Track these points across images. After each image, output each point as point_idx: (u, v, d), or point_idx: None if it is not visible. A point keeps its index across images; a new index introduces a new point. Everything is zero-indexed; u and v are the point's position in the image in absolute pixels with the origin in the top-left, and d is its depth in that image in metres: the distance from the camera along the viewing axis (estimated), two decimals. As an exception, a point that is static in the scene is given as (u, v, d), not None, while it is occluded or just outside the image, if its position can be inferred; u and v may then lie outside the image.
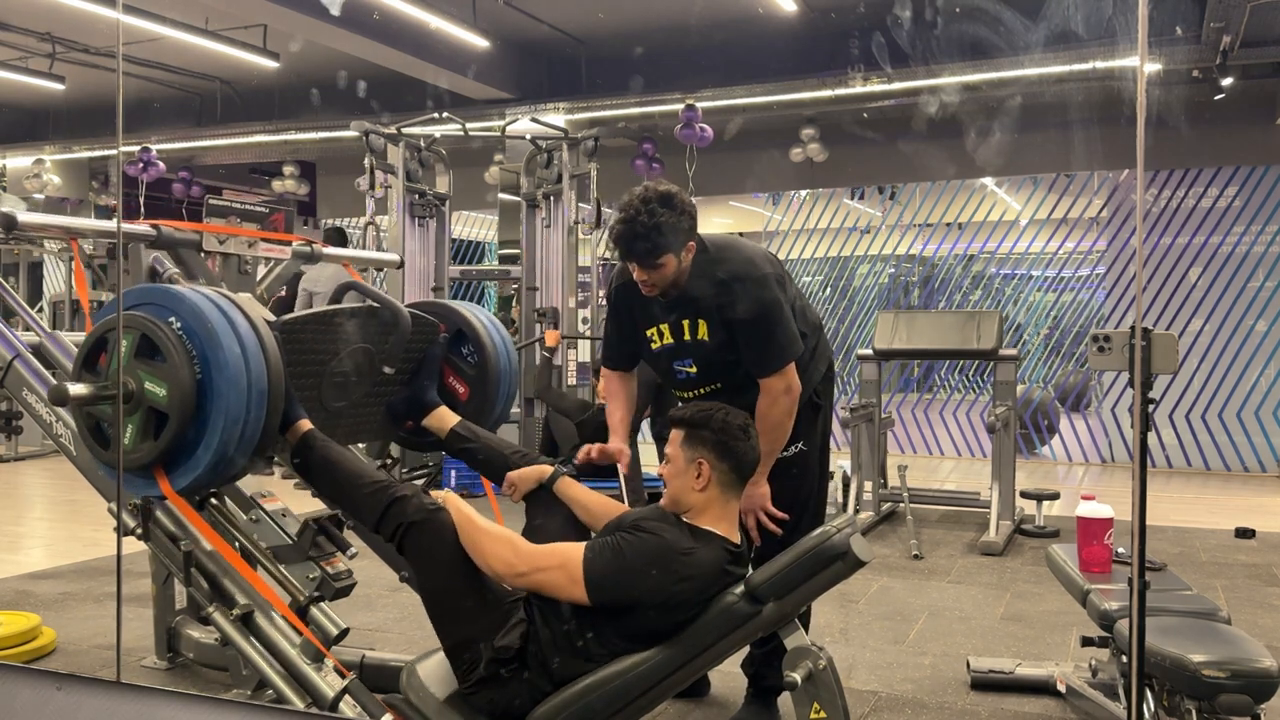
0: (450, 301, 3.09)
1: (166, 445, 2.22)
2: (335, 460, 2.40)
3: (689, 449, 2.32)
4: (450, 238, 7.45)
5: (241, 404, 2.19)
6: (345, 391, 2.71)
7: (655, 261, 2.58)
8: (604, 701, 2.15)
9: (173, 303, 2.26)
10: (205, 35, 8.11)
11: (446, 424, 2.78)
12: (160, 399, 2.21)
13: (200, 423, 2.21)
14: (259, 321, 2.29)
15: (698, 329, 2.69)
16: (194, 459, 2.23)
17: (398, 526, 2.26)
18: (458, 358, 3.01)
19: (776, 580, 2.21)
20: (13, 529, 6.03)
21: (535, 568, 2.19)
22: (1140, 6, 2.03)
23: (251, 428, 2.22)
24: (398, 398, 2.85)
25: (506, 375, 3.00)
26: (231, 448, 2.21)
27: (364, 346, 2.69)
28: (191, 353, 2.21)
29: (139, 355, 2.24)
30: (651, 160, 9.18)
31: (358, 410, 2.79)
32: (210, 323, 2.21)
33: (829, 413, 2.97)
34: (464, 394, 3.00)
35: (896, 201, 10.49)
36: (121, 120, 3.18)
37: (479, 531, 2.23)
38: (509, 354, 3.02)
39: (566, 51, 9.17)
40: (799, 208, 10.93)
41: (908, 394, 11.63)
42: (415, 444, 2.95)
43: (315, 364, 2.60)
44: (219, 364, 2.19)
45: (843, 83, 7.96)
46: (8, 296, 2.95)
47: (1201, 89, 7.52)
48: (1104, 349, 2.27)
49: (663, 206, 2.55)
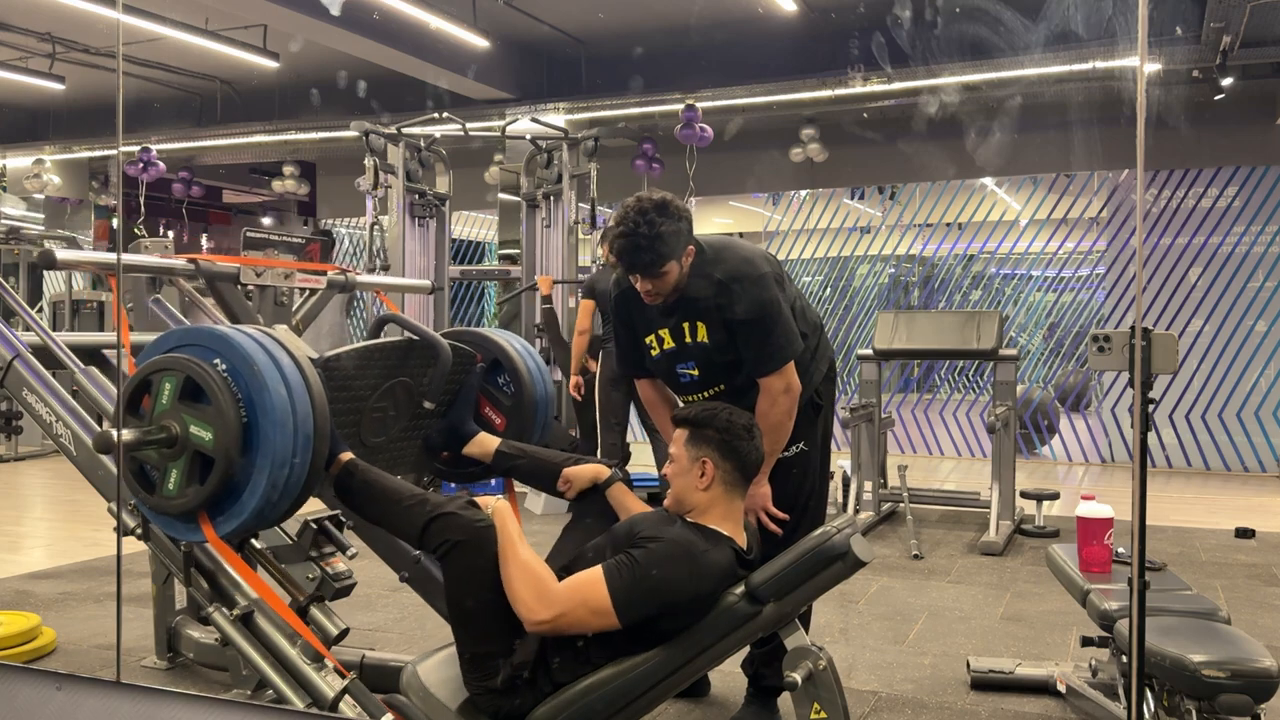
0: (484, 329, 3.06)
1: (213, 490, 2.16)
2: (374, 481, 2.36)
3: (693, 448, 2.32)
4: (450, 238, 7.46)
5: (288, 448, 2.14)
6: (384, 426, 2.67)
7: (659, 271, 2.58)
8: (604, 702, 2.15)
9: (218, 344, 2.20)
10: (205, 35, 8.11)
11: (489, 448, 2.74)
12: (206, 443, 2.15)
13: (246, 467, 2.15)
14: (304, 361, 2.24)
15: (697, 331, 2.69)
16: (239, 505, 2.17)
17: (443, 542, 2.21)
18: (493, 388, 2.97)
19: (776, 580, 2.21)
20: (13, 529, 6.03)
21: (557, 614, 2.14)
22: (1140, 6, 2.03)
23: (298, 471, 2.17)
24: (435, 429, 2.82)
25: (543, 404, 2.96)
26: (277, 493, 2.16)
27: (403, 380, 2.66)
28: (237, 396, 2.15)
29: (184, 398, 2.19)
30: (651, 160, 9.18)
31: (395, 445, 2.75)
32: (256, 365, 2.15)
33: (830, 413, 2.96)
34: (500, 424, 2.96)
35: (896, 201, 10.49)
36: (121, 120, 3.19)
37: (514, 565, 2.18)
38: (545, 382, 2.98)
39: (566, 51, 9.17)
40: (799, 208, 10.94)
41: (908, 394, 11.63)
42: (453, 475, 2.90)
43: (354, 399, 2.56)
44: (265, 407, 2.13)
45: (843, 83, 7.96)
46: (8, 296, 2.95)
47: (1201, 89, 7.52)
48: (1104, 349, 2.27)
49: (660, 215, 2.54)
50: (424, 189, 6.96)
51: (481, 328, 3.24)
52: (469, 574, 2.21)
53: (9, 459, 8.52)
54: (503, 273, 8.18)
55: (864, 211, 11.08)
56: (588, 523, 2.55)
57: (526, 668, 2.18)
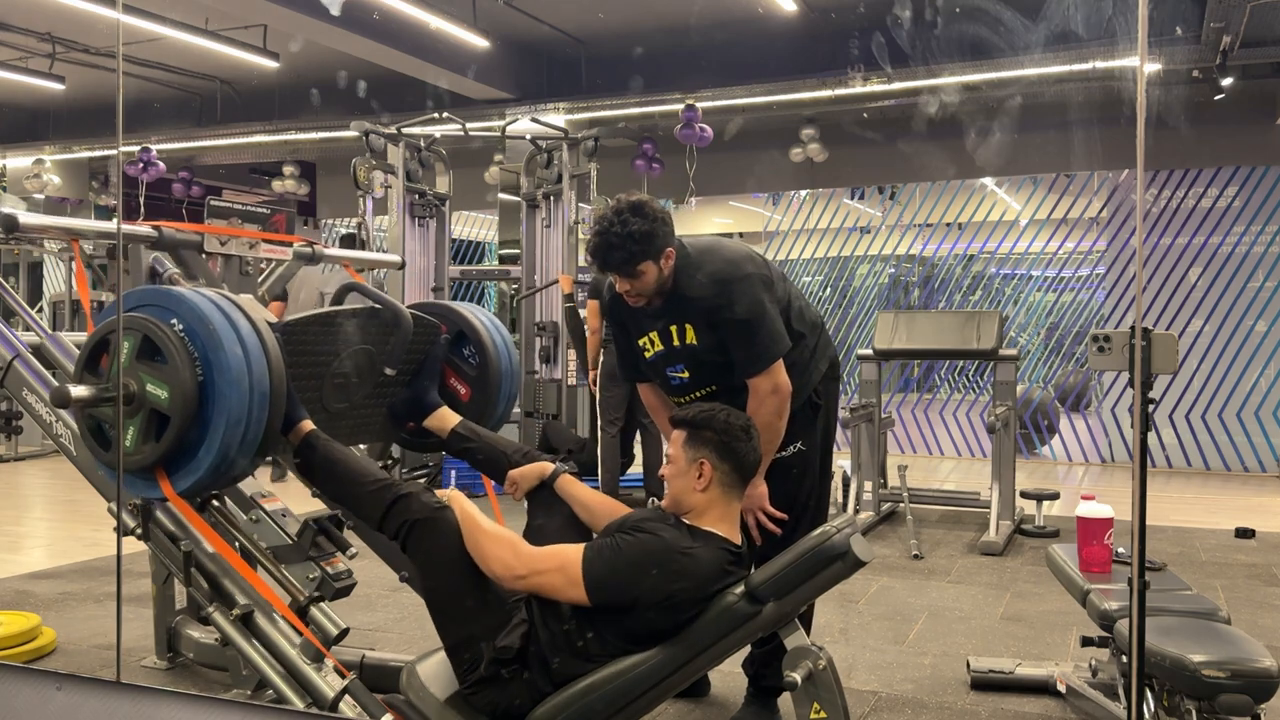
0: (451, 302, 3.09)
1: (168, 447, 2.21)
2: (337, 459, 2.40)
3: (691, 449, 2.33)
4: (450, 238, 7.45)
5: (243, 406, 2.19)
6: (347, 393, 2.71)
7: (634, 270, 2.60)
8: (604, 702, 2.16)
9: (174, 304, 2.25)
10: (205, 35, 8.11)
11: (448, 424, 2.79)
12: (162, 401, 2.20)
13: (202, 425, 2.20)
14: (261, 323, 2.29)
15: (685, 334, 2.70)
16: (195, 461, 2.22)
17: (402, 524, 2.26)
18: (459, 359, 3.01)
19: (776, 580, 2.21)
20: (13, 529, 6.03)
21: (533, 570, 2.19)
22: (1140, 6, 2.03)
23: (253, 429, 2.21)
24: (399, 399, 2.85)
25: (508, 376, 3.00)
26: (233, 449, 2.21)
27: (365, 348, 2.69)
28: (193, 354, 2.20)
29: (141, 357, 2.23)
30: (651, 160, 9.18)
31: (359, 411, 2.79)
32: (212, 324, 2.20)
33: (831, 412, 2.95)
34: (466, 395, 3.00)
35: (896, 201, 10.49)
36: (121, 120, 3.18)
37: (481, 532, 2.23)
38: (510, 355, 3.02)
39: (566, 51, 9.17)
40: (799, 208, 10.94)
41: (908, 394, 11.63)
42: (417, 445, 2.95)
43: (317, 365, 2.59)
44: (221, 366, 2.18)
45: (843, 83, 7.96)
46: (8, 296, 2.95)
47: (1201, 89, 7.52)
48: (1104, 349, 2.27)
49: (634, 215, 2.57)
50: (424, 189, 6.96)
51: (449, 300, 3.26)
52: (434, 557, 2.25)
53: (9, 459, 8.52)
54: (503, 273, 8.18)
55: (864, 211, 11.08)
56: (540, 524, 2.56)
57: (511, 654, 2.19)
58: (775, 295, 2.73)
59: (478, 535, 2.23)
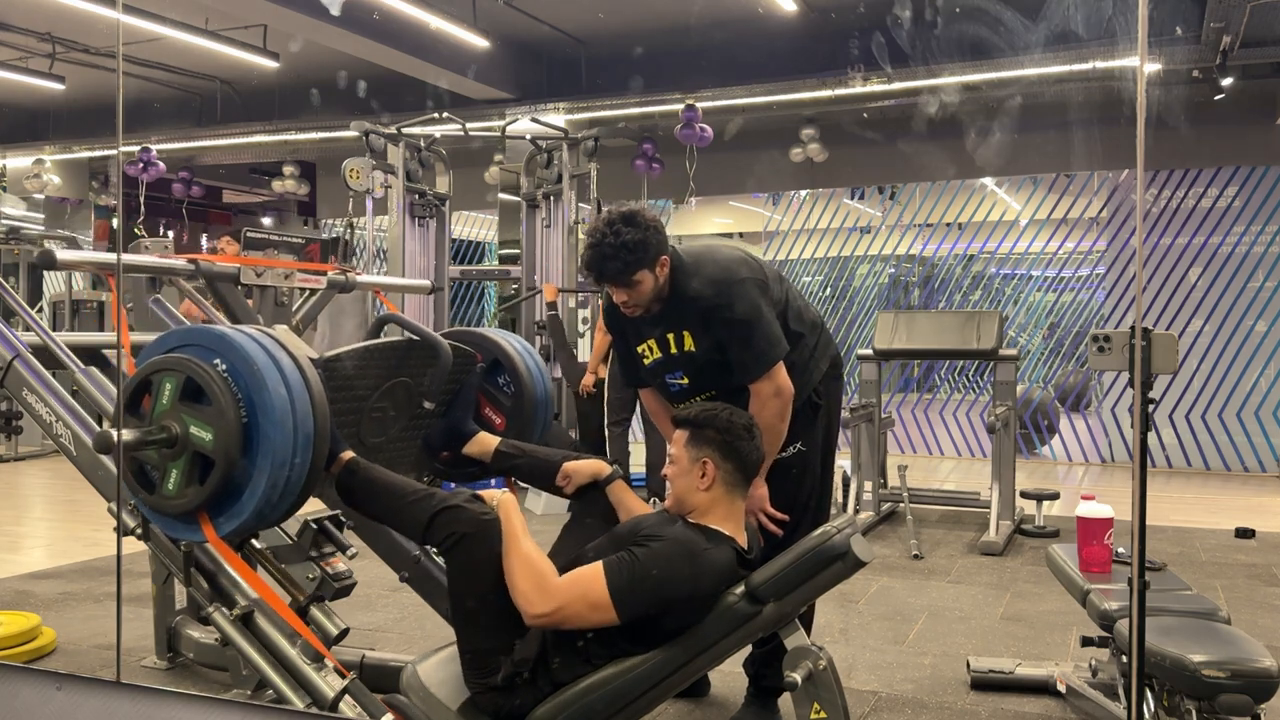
0: (484, 330, 3.06)
1: (212, 491, 2.16)
2: (377, 479, 2.36)
3: (693, 449, 2.33)
4: (450, 238, 7.45)
5: (288, 448, 2.13)
6: (384, 426, 2.67)
7: (629, 279, 2.60)
8: (604, 702, 2.15)
9: (218, 344, 2.20)
10: (205, 35, 8.11)
11: (489, 447, 2.75)
12: (206, 444, 2.15)
13: (246, 468, 2.15)
14: (304, 361, 2.23)
15: (683, 341, 2.71)
16: (239, 505, 2.17)
17: (448, 535, 2.21)
18: (493, 388, 2.98)
19: (776, 580, 2.21)
20: (13, 529, 6.03)
21: (557, 607, 2.14)
22: (1140, 6, 2.03)
23: (298, 471, 2.16)
24: (434, 430, 2.82)
25: (543, 404, 2.97)
26: (277, 493, 2.16)
27: (403, 380, 2.66)
28: (237, 396, 2.15)
29: (184, 398, 2.18)
30: (651, 160, 9.18)
31: (394, 445, 2.75)
32: (256, 365, 2.15)
33: (833, 412, 2.94)
34: (500, 424, 2.97)
35: (896, 201, 10.49)
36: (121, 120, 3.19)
37: (517, 556, 2.18)
38: (545, 382, 2.99)
39: (566, 51, 9.17)
40: (799, 208, 10.93)
41: (908, 394, 11.63)
42: (452, 474, 2.90)
43: (355, 399, 2.56)
44: (265, 407, 2.13)
45: (843, 83, 7.96)
46: (8, 296, 2.95)
47: (1201, 89, 7.52)
48: (1104, 349, 2.27)
49: (626, 225, 2.57)
50: (424, 189, 6.96)
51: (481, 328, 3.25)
52: (473, 568, 2.21)
53: (9, 459, 8.52)
54: (503, 273, 8.18)
55: (864, 211, 11.08)
56: (588, 522, 2.55)
57: (527, 666, 2.18)
58: (772, 298, 2.73)
59: (512, 559, 2.18)
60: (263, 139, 10.01)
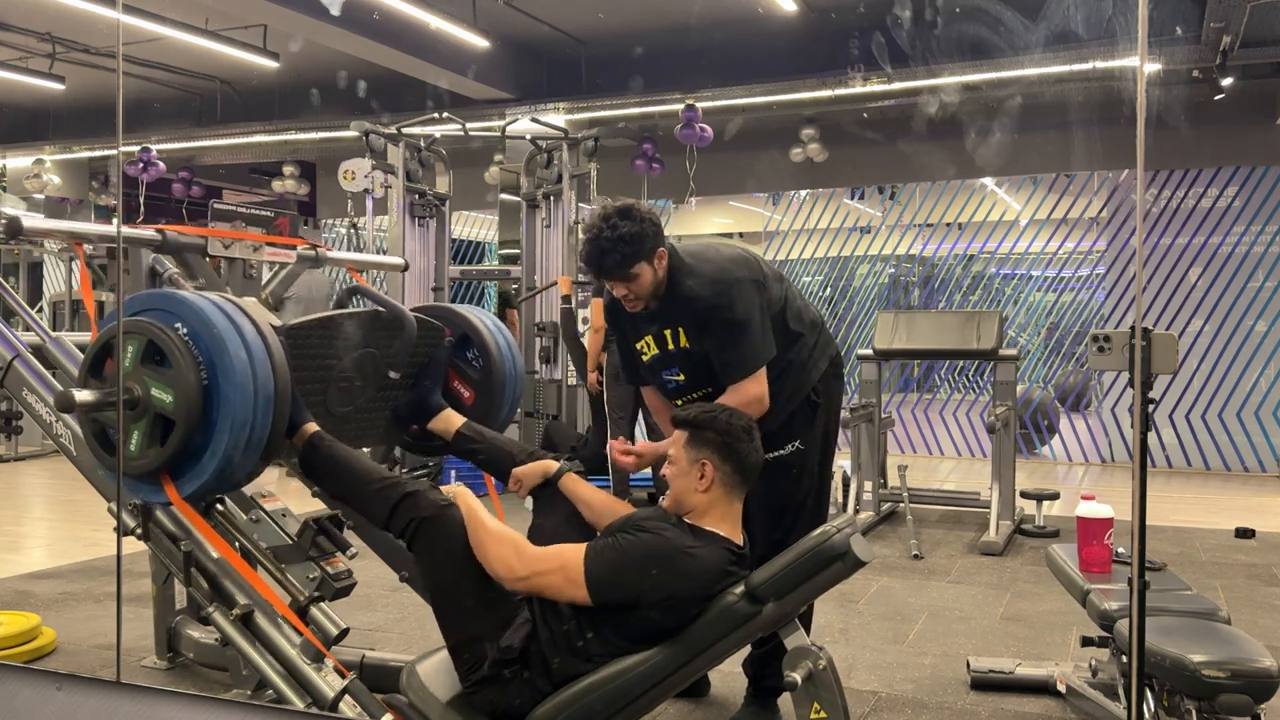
0: (455, 305, 3.10)
1: (173, 451, 2.21)
2: (340, 458, 2.41)
3: (693, 449, 2.33)
4: (450, 238, 7.45)
5: (248, 410, 2.18)
6: (350, 396, 2.70)
7: (628, 273, 2.61)
8: (604, 701, 2.16)
9: (179, 308, 2.25)
10: (205, 35, 8.11)
11: (453, 426, 2.79)
12: (167, 405, 2.20)
13: (207, 429, 2.20)
14: (265, 327, 2.28)
15: (679, 337, 2.72)
16: (200, 465, 2.22)
17: (409, 522, 2.26)
18: (463, 362, 3.01)
19: (776, 580, 2.21)
20: (13, 529, 6.03)
21: (535, 571, 2.19)
22: (1140, 6, 2.03)
23: (258, 434, 2.21)
24: (403, 402, 2.85)
25: (512, 379, 3.00)
26: (238, 454, 2.20)
27: (369, 351, 2.69)
28: (198, 359, 2.20)
29: (145, 361, 2.23)
30: (651, 160, 9.18)
31: (362, 415, 2.79)
32: (216, 328, 2.20)
33: (832, 412, 2.93)
34: (469, 398, 3.00)
35: (896, 201, 10.48)
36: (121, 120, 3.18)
37: (485, 531, 2.23)
38: (514, 358, 3.02)
39: (566, 51, 9.17)
40: (799, 208, 10.93)
41: (908, 394, 11.63)
42: (421, 448, 2.95)
43: (321, 369, 2.59)
44: (225, 370, 2.18)
45: (843, 83, 7.96)
46: (8, 296, 2.95)
47: (1201, 89, 7.52)
48: (1104, 349, 2.27)
49: (622, 219, 2.59)
50: (424, 189, 6.96)
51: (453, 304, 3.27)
52: (438, 553, 2.25)
53: (9, 459, 8.52)
54: (503, 273, 8.18)
55: (864, 211, 11.08)
56: (539, 522, 2.56)
57: (514, 653, 2.19)
58: (770, 297, 2.73)
59: (481, 534, 2.23)
60: (263, 139, 10.01)
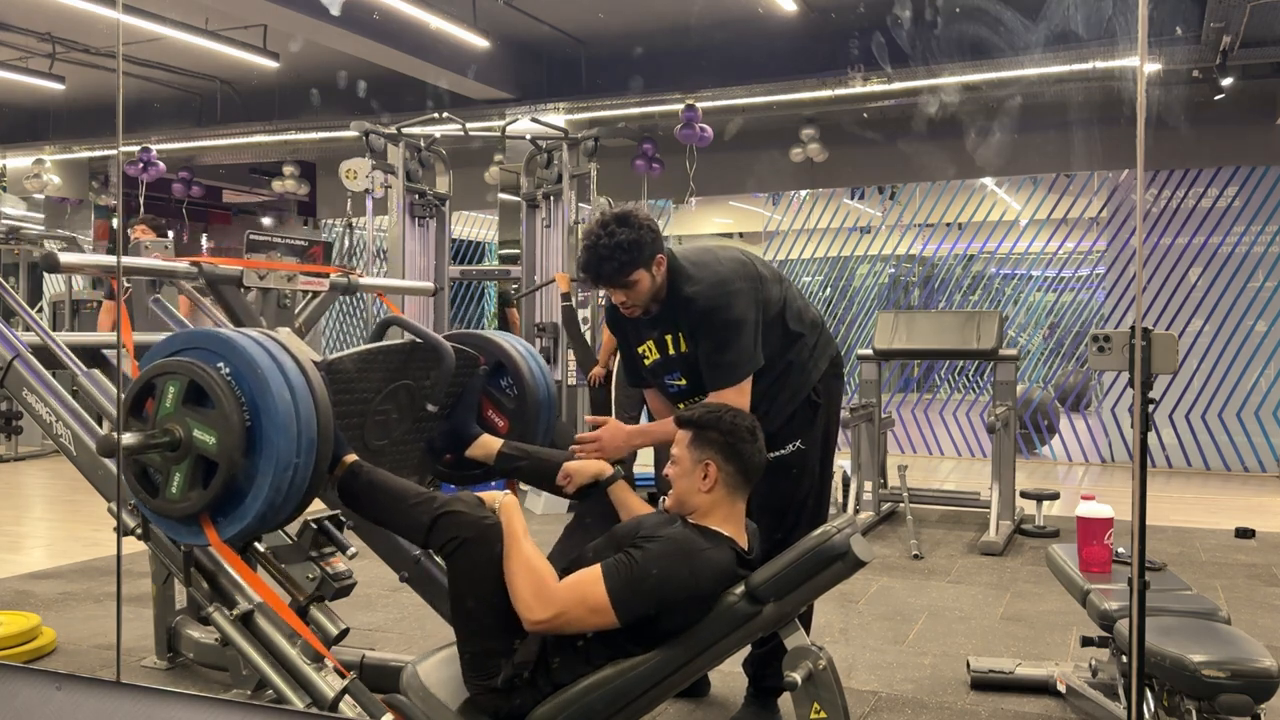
0: (487, 332, 3.07)
1: (216, 494, 2.16)
2: (378, 483, 2.36)
3: (696, 450, 2.32)
4: (450, 238, 7.45)
5: (291, 450, 2.13)
6: (387, 430, 2.68)
7: (625, 280, 2.61)
8: (604, 701, 2.15)
9: (221, 347, 2.20)
10: (205, 35, 8.11)
11: (493, 449, 2.76)
12: (210, 447, 2.15)
13: (250, 471, 2.15)
14: (307, 364, 2.24)
15: (679, 342, 2.72)
16: (243, 508, 2.17)
17: (450, 539, 2.21)
18: (496, 390, 2.98)
19: (776, 580, 2.21)
20: (13, 529, 6.03)
21: (555, 613, 2.14)
22: (1140, 6, 2.03)
23: (301, 474, 2.16)
24: (437, 433, 2.83)
25: (546, 406, 2.97)
26: (281, 496, 2.16)
27: (406, 383, 2.67)
28: (241, 399, 2.15)
29: (187, 402, 2.18)
30: (651, 160, 9.18)
31: (397, 448, 2.76)
32: (260, 368, 2.15)
33: (832, 412, 2.94)
34: (504, 427, 2.97)
35: (896, 201, 10.49)
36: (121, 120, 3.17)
37: (516, 560, 2.18)
38: (548, 384, 2.99)
39: (566, 51, 9.17)
40: (799, 208, 10.94)
41: (908, 394, 11.63)
42: (456, 477, 2.91)
43: (359, 403, 2.57)
44: (269, 410, 2.13)
45: (843, 83, 7.96)
46: (8, 296, 2.95)
47: (1201, 89, 7.52)
48: (1104, 349, 2.27)
49: (620, 226, 2.58)
50: (424, 189, 6.96)
51: (483, 330, 3.26)
52: (474, 571, 2.21)
53: (9, 459, 8.52)
54: (503, 273, 8.18)
55: (864, 211, 11.08)
56: (588, 523, 2.55)
57: (528, 668, 2.18)
58: (769, 297, 2.73)
59: (513, 563, 2.18)
60: (263, 139, 10.01)
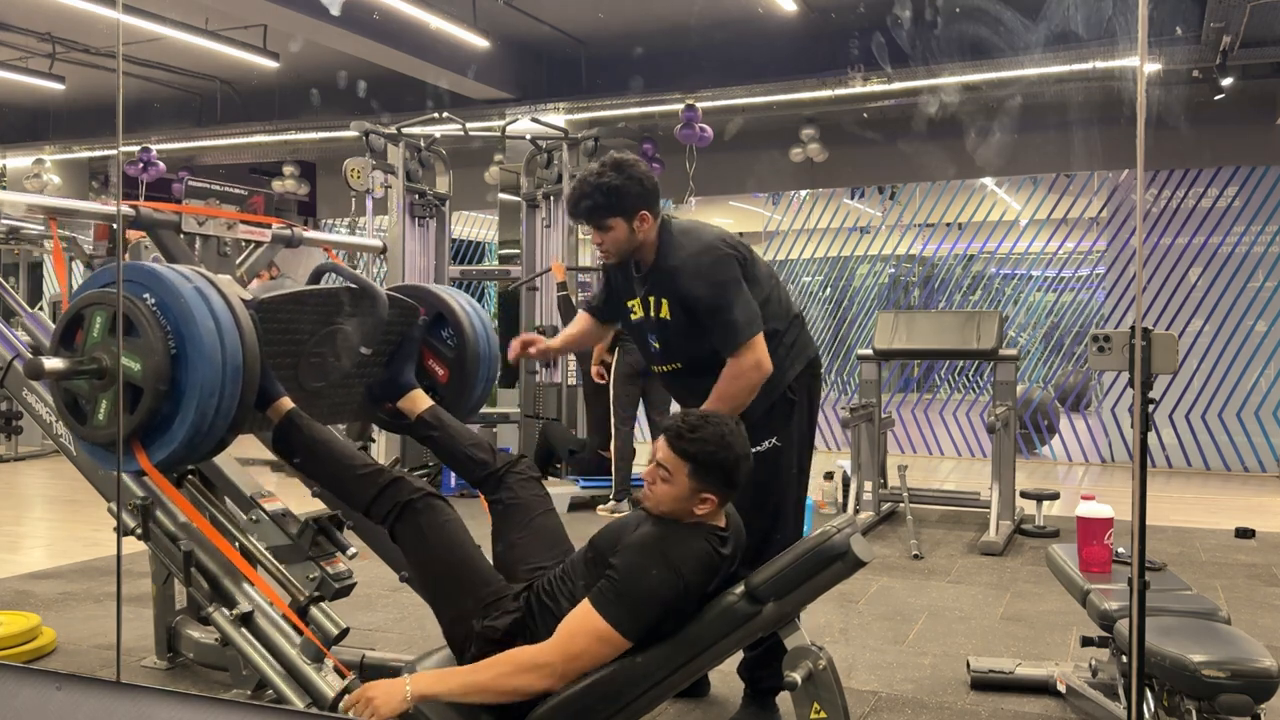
0: (431, 285, 3.14)
1: (141, 419, 2.25)
2: (320, 439, 2.44)
3: (697, 482, 2.23)
4: (450, 238, 7.46)
5: (216, 378, 2.22)
6: (323, 372, 2.74)
7: (600, 222, 2.66)
8: (604, 701, 2.15)
9: (148, 279, 2.29)
10: (205, 35, 8.11)
11: (417, 408, 2.81)
12: (135, 373, 2.24)
13: (175, 397, 2.24)
14: (234, 299, 2.33)
15: (661, 308, 2.74)
16: (170, 433, 2.26)
17: (394, 506, 2.29)
18: (438, 341, 3.04)
19: (776, 580, 2.21)
20: (13, 529, 6.03)
21: (564, 658, 2.11)
22: (1140, 6, 2.03)
23: (227, 401, 2.25)
24: (377, 380, 2.88)
25: (486, 359, 3.04)
26: (207, 422, 2.25)
27: (341, 327, 2.72)
28: (166, 328, 2.24)
29: (114, 331, 2.27)
30: (651, 160, 9.18)
31: (336, 391, 2.82)
32: (184, 299, 2.24)
33: (809, 411, 2.89)
34: (444, 376, 3.04)
35: (896, 201, 10.48)
36: (121, 120, 3.18)
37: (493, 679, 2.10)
38: (489, 338, 3.06)
39: (566, 51, 9.17)
40: (799, 208, 10.93)
41: (908, 394, 11.63)
42: (394, 426, 2.97)
43: (292, 344, 2.62)
44: (193, 339, 2.22)
45: (843, 83, 7.96)
46: (8, 296, 2.95)
47: (1201, 89, 7.52)
48: (1104, 349, 2.27)
49: (612, 170, 2.63)
50: (424, 189, 6.96)
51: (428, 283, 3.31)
52: (422, 538, 2.30)
53: (9, 459, 8.52)
54: (503, 273, 8.18)
55: (864, 211, 11.08)
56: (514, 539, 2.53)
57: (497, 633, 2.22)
58: (752, 274, 2.74)
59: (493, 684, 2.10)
60: (263, 139, 10.02)
